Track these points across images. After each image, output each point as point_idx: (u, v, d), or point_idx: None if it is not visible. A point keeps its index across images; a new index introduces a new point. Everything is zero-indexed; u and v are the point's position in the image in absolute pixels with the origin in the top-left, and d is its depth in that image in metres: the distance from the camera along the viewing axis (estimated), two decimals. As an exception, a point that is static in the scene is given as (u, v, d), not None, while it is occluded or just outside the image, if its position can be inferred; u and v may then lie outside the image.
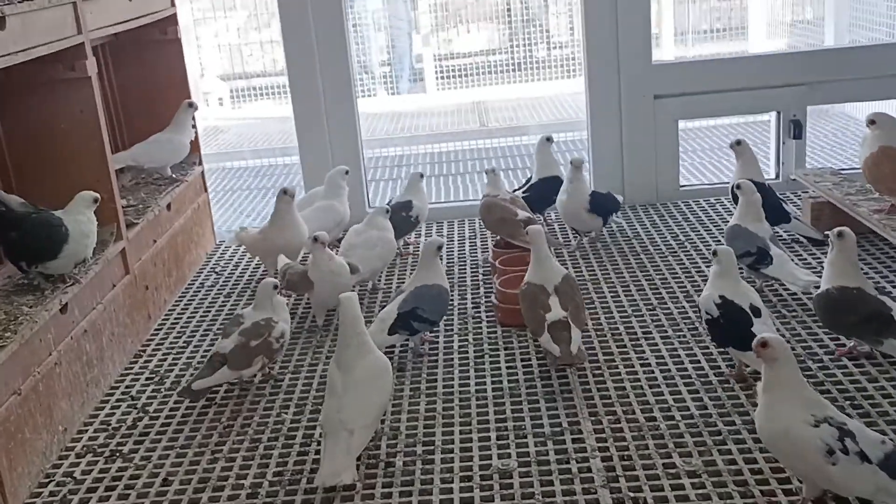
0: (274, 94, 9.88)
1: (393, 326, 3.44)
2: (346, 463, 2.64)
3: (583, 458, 2.77)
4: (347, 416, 2.71)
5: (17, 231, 3.27)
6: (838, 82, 5.00)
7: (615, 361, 3.38)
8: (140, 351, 3.83)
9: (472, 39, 10.68)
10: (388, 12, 10.41)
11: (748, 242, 3.77)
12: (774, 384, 2.41)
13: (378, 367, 2.87)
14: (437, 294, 3.55)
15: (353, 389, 2.76)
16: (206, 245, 4.97)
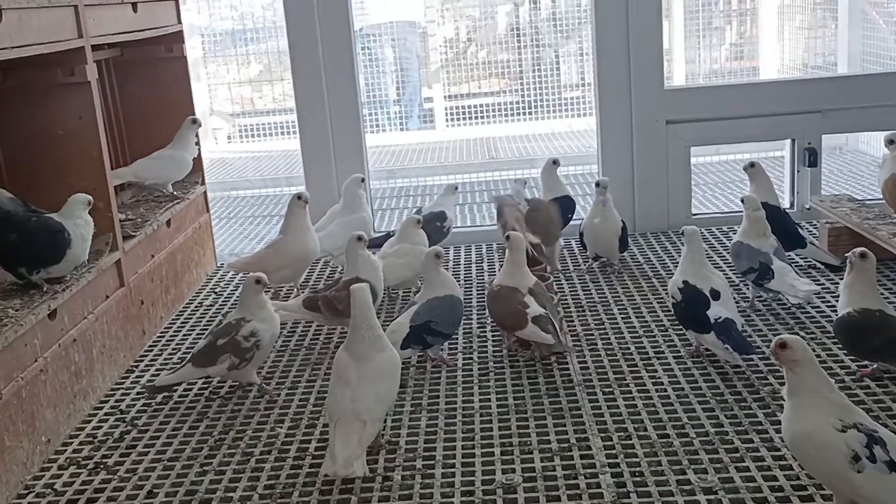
0: (283, 131, 9.86)
1: (406, 340, 3.31)
2: (358, 454, 2.58)
3: (592, 475, 2.62)
4: (363, 407, 2.65)
5: (17, 234, 3.19)
6: (854, 110, 4.91)
7: (626, 380, 3.23)
8: (133, 366, 3.70)
9: (483, 81, 10.68)
10: (399, 53, 10.44)
11: (751, 258, 3.69)
12: (798, 387, 2.27)
13: (393, 362, 2.84)
14: (450, 306, 3.42)
15: (368, 381, 2.71)
16: (207, 266, 4.85)
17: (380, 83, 10.11)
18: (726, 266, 4.36)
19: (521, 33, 10.37)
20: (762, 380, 3.14)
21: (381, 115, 10.09)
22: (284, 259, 4.20)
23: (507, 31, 10.63)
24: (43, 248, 3.21)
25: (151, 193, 4.61)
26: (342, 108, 5.02)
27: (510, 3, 10.63)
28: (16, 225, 3.20)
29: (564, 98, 10.50)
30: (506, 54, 10.60)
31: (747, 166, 4.32)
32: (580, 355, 3.47)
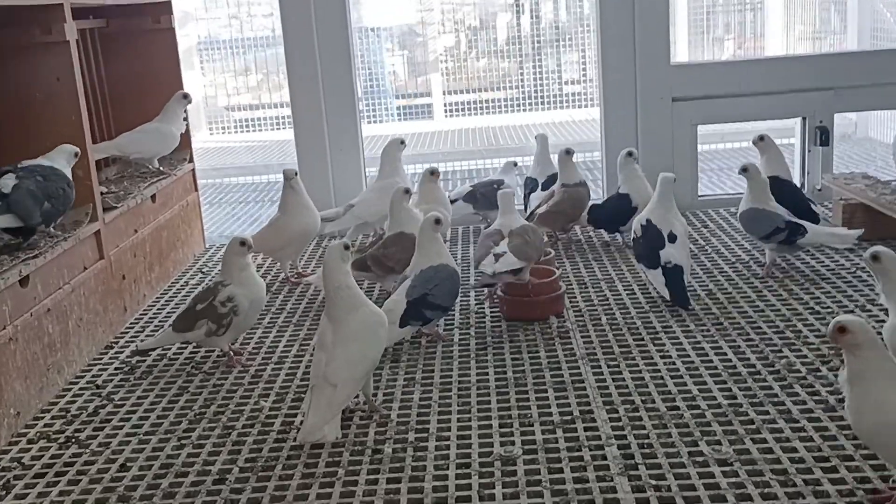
0: (279, 124, 9.69)
1: (404, 317, 3.11)
2: (328, 418, 2.51)
3: (597, 447, 2.43)
4: (332, 371, 2.56)
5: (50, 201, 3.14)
6: (868, 88, 4.73)
7: (632, 354, 3.04)
8: (112, 342, 3.52)
9: (482, 75, 10.54)
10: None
11: (773, 220, 3.59)
12: (864, 373, 2.00)
13: (371, 319, 2.68)
14: (446, 276, 3.23)
15: (342, 343, 2.60)
16: (195, 246, 4.67)
17: (379, 75, 9.97)
18: (734, 244, 4.18)
19: (522, 37, 10.25)
20: (777, 353, 2.95)
21: (380, 105, 9.94)
22: (284, 237, 4.05)
23: (508, 34, 10.51)
24: (64, 203, 3.22)
25: (137, 169, 4.43)
26: (337, 96, 4.85)
27: (510, 10, 10.52)
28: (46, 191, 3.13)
29: (566, 93, 10.36)
30: (506, 61, 10.49)
31: (756, 140, 4.16)
32: (584, 330, 3.28)
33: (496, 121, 9.21)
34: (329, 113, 4.85)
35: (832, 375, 2.75)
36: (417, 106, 10.23)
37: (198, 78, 9.22)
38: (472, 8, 10.81)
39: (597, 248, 4.31)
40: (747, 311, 3.34)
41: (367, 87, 9.85)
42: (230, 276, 3.19)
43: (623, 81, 4.74)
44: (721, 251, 4.13)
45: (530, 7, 10.24)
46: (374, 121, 9.52)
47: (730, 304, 3.43)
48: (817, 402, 2.59)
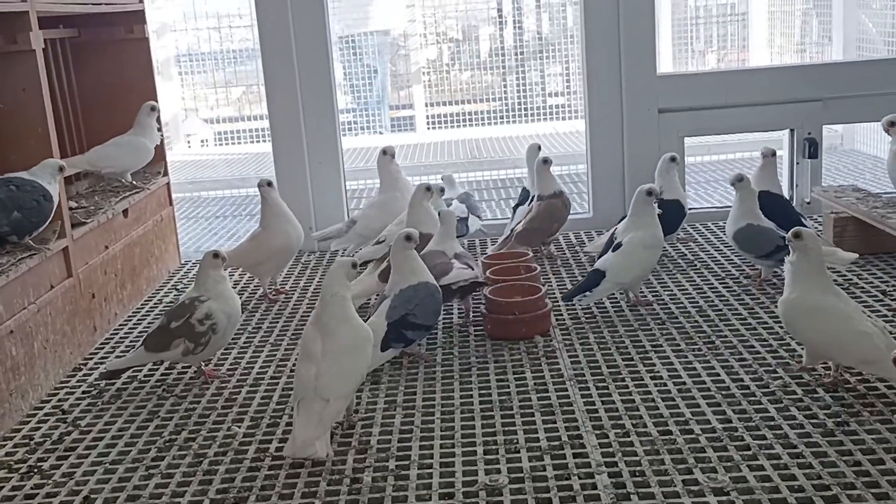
0: (259, 137, 9.55)
1: (385, 340, 2.99)
2: (319, 433, 2.43)
3: (587, 475, 2.31)
4: (324, 385, 2.49)
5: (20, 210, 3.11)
6: (856, 98, 4.65)
7: (621, 374, 2.93)
8: (81, 364, 3.38)
9: (465, 87, 10.46)
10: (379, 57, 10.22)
11: (773, 238, 3.52)
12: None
13: (360, 335, 2.65)
14: (426, 294, 3.11)
15: (332, 357, 2.53)
16: (170, 262, 4.53)
17: (361, 87, 9.86)
18: (723, 259, 4.09)
19: (505, 49, 10.18)
20: (771, 372, 2.85)
21: (362, 117, 9.83)
22: (264, 251, 3.92)
23: (491, 46, 10.44)
24: (37, 215, 3.17)
25: (109, 183, 4.30)
26: (316, 108, 4.72)
27: (493, 23, 10.45)
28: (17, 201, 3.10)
29: (549, 105, 10.28)
30: (489, 73, 10.40)
31: (768, 153, 4.07)
32: (571, 349, 3.17)
33: (479, 133, 9.10)
34: (308, 125, 4.73)
35: (829, 397, 2.65)
36: (400, 118, 10.12)
37: (176, 90, 9.08)
38: (454, 21, 10.73)
39: (583, 263, 4.20)
40: (739, 329, 3.24)
41: (356, 98, 9.77)
42: (206, 290, 3.07)
43: (609, 92, 4.65)
44: (710, 266, 4.03)
45: (514, 19, 10.17)
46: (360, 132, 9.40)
47: (721, 322, 3.33)
48: (815, 426, 2.48)
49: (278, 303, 3.93)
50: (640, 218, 3.52)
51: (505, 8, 10.35)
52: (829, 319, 2.66)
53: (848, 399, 2.63)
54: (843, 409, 2.56)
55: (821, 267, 2.76)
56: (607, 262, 3.46)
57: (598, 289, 3.43)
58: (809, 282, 2.73)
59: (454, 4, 10.38)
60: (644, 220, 3.51)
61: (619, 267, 3.44)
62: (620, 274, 3.45)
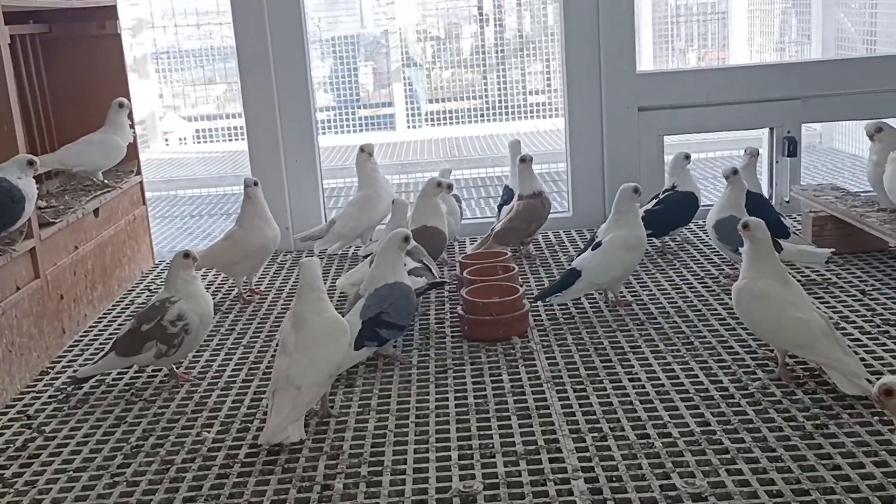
0: (238, 135, 9.46)
1: (359, 339, 2.95)
2: (292, 419, 2.49)
3: (563, 480, 2.27)
4: (295, 373, 2.53)
5: None
6: (836, 97, 4.63)
7: (599, 377, 2.89)
8: (48, 367, 3.30)
9: (446, 85, 10.42)
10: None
11: None
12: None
13: (334, 326, 2.69)
14: (401, 294, 3.07)
15: (303, 346, 2.59)
16: (143, 263, 4.46)
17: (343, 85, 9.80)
18: (702, 258, 4.06)
19: (486, 48, 10.14)
20: (750, 374, 2.82)
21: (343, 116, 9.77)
22: (240, 251, 3.86)
23: (473, 45, 10.40)
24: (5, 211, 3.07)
25: (81, 182, 4.22)
26: (292, 105, 4.65)
27: (475, 21, 10.41)
28: None
29: (530, 103, 10.25)
30: (470, 72, 10.36)
31: (753, 152, 4.06)
32: (548, 351, 3.12)
33: (460, 131, 9.05)
34: (284, 123, 4.66)
35: (808, 399, 2.61)
36: (379, 116, 10.06)
37: (153, 87, 8.97)
38: (436, 19, 10.68)
39: (561, 263, 4.16)
40: (718, 330, 3.21)
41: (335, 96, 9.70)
42: (177, 291, 3.00)
43: (588, 90, 4.60)
44: (690, 266, 4.00)
45: (495, 17, 10.12)
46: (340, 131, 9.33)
47: (700, 322, 3.29)
48: (794, 429, 2.45)
49: (253, 303, 3.87)
50: (623, 217, 3.47)
51: (486, 6, 10.32)
52: (769, 306, 2.76)
53: (827, 401, 2.59)
54: (822, 412, 2.53)
55: (770, 256, 2.83)
56: (584, 262, 3.41)
57: (573, 288, 3.39)
58: (758, 270, 2.82)
59: (435, 2, 10.34)
60: (627, 220, 3.47)
61: (596, 267, 3.39)
62: (597, 274, 3.40)
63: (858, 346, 2.98)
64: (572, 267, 3.44)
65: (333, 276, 4.18)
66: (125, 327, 3.11)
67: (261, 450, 2.52)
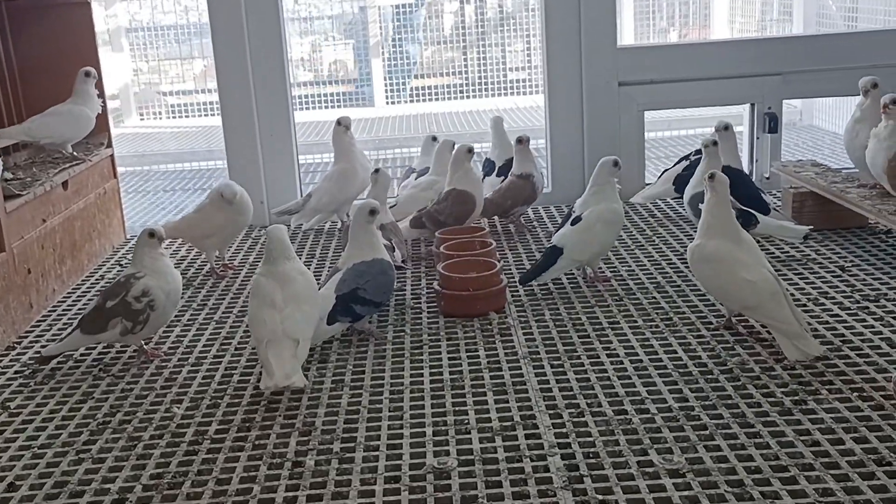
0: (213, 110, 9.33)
1: (332, 313, 2.90)
2: (296, 368, 2.58)
3: (539, 456, 2.22)
4: (293, 327, 2.64)
5: None
6: (817, 72, 4.60)
7: (577, 352, 2.85)
8: (15, 343, 3.22)
9: (426, 62, 10.31)
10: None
11: None
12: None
13: (313, 285, 2.83)
14: (379, 270, 3.02)
15: (294, 302, 2.69)
16: (113, 237, 4.37)
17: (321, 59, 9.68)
18: (685, 236, 4.02)
19: (466, 23, 10.04)
20: (729, 350, 2.78)
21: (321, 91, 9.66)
22: (212, 225, 3.77)
23: (454, 21, 10.29)
24: None
25: (50, 155, 4.12)
26: (268, 81, 4.57)
27: None
28: None
29: (510, 80, 10.18)
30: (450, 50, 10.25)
31: (721, 128, 3.99)
32: (526, 327, 3.08)
33: (439, 107, 8.97)
34: (259, 96, 4.57)
35: (787, 375, 2.59)
36: (355, 92, 9.95)
37: (126, 61, 8.80)
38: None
39: (539, 239, 4.11)
40: (697, 306, 3.17)
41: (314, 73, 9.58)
42: (142, 267, 2.93)
43: (568, 64, 4.54)
44: (669, 241, 3.96)
45: (477, 22, 10.01)
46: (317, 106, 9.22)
47: (679, 298, 3.26)
48: (773, 405, 2.42)
49: (226, 279, 3.80)
50: (602, 191, 3.42)
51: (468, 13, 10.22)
52: (719, 267, 2.82)
53: (806, 377, 2.57)
54: (801, 388, 2.50)
55: (725, 212, 2.87)
56: (565, 239, 3.36)
57: (555, 267, 3.34)
58: (713, 230, 2.87)
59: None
60: (605, 194, 3.42)
61: (577, 243, 3.34)
62: (579, 251, 3.36)
63: (837, 321, 2.95)
64: (553, 244, 3.39)
65: (308, 252, 4.12)
66: (91, 304, 3.04)
67: (230, 426, 2.47)
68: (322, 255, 4.08)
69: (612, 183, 3.46)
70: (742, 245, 2.83)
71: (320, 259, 4.01)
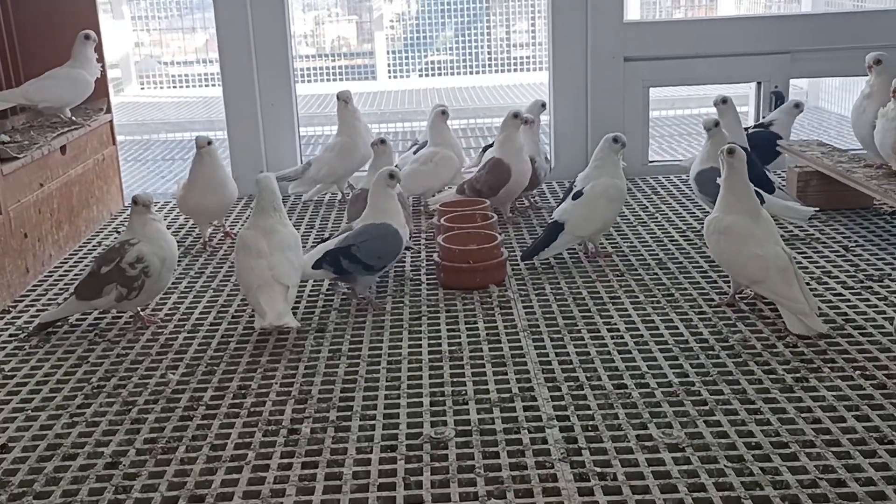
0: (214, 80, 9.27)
1: (319, 261, 2.95)
2: (287, 310, 2.71)
3: (537, 429, 2.20)
4: (282, 273, 2.77)
5: None
6: (826, 52, 4.54)
7: (577, 326, 2.82)
8: (10, 306, 3.20)
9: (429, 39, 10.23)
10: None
11: None
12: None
13: (296, 237, 2.94)
14: (379, 235, 3.00)
15: (280, 250, 2.81)
16: (112, 204, 4.33)
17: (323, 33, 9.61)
18: (687, 214, 3.99)
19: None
20: (731, 326, 2.76)
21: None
22: (191, 205, 3.73)
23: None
24: None
25: (48, 119, 4.07)
26: (269, 48, 4.51)
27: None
28: None
29: (514, 57, 10.12)
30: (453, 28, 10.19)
31: (718, 101, 3.95)
32: (526, 300, 3.05)
33: (442, 82, 8.91)
34: (260, 65, 4.52)
35: (788, 352, 2.56)
36: (359, 66, 9.88)
37: (127, 31, 8.73)
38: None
39: (541, 213, 4.08)
40: (699, 282, 3.14)
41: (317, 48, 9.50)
42: (136, 233, 2.90)
43: (573, 38, 4.49)
44: (671, 218, 3.93)
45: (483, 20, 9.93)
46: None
47: (681, 274, 3.23)
48: (774, 381, 2.39)
49: (224, 247, 3.77)
50: (604, 166, 3.38)
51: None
52: (731, 240, 2.82)
53: (808, 354, 2.54)
54: (802, 365, 2.47)
55: (745, 188, 2.86)
56: (567, 214, 3.32)
57: (557, 243, 3.31)
58: (730, 203, 2.86)
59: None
60: (607, 169, 3.38)
61: (579, 219, 3.31)
62: (581, 227, 3.32)
63: (840, 300, 2.92)
64: (554, 220, 3.35)
65: (307, 224, 4.09)
66: (87, 270, 3.02)
67: (226, 393, 2.45)
68: (322, 225, 4.05)
69: (615, 158, 3.42)
70: (759, 221, 2.82)
71: (320, 230, 3.98)
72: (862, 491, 1.88)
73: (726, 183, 2.87)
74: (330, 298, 3.14)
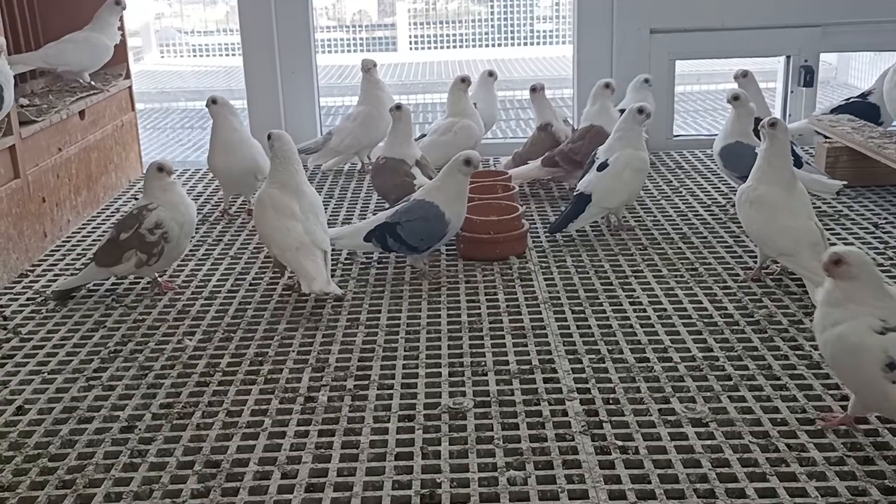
0: (234, 50, 9.24)
1: (370, 233, 2.99)
2: (327, 277, 2.69)
3: (557, 401, 2.17)
4: (319, 237, 2.78)
5: None
6: (858, 25, 4.44)
7: (598, 299, 2.77)
8: (28, 270, 3.18)
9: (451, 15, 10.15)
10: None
11: None
12: (850, 299, 1.95)
13: (319, 199, 2.94)
14: (423, 216, 2.93)
15: (314, 215, 2.82)
16: (130, 171, 4.31)
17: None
18: (712, 188, 3.92)
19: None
20: (756, 302, 2.70)
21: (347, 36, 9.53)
22: (214, 171, 3.74)
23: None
24: None
25: (67, 83, 4.04)
26: (290, 21, 4.47)
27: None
28: None
29: (537, 31, 10.01)
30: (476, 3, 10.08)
31: (739, 75, 3.87)
32: (547, 272, 3.01)
33: (462, 55, 8.83)
34: (281, 32, 4.47)
35: (816, 329, 2.50)
36: (379, 38, 9.81)
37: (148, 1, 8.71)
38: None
39: (563, 186, 4.02)
40: (724, 258, 3.09)
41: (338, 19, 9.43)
42: (154, 198, 2.87)
43: (599, 10, 4.41)
44: (696, 193, 3.86)
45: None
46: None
47: (705, 249, 3.17)
48: (800, 358, 2.34)
49: (241, 217, 3.74)
50: (626, 137, 3.32)
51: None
52: (763, 210, 2.78)
53: (836, 331, 2.48)
54: (830, 342, 2.42)
55: (784, 161, 2.81)
56: (592, 185, 3.26)
57: (584, 215, 3.25)
58: (766, 174, 2.81)
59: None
60: (631, 141, 3.32)
61: (605, 191, 3.25)
62: (607, 198, 3.26)
63: (869, 278, 2.86)
64: (580, 191, 3.29)
65: (327, 192, 4.05)
66: (106, 237, 3.00)
67: (243, 360, 2.43)
68: (340, 195, 4.01)
69: (638, 130, 3.35)
70: (793, 194, 2.78)
71: (338, 200, 3.94)
72: (891, 469, 1.84)
73: (766, 154, 2.82)
74: (348, 268, 3.11)
